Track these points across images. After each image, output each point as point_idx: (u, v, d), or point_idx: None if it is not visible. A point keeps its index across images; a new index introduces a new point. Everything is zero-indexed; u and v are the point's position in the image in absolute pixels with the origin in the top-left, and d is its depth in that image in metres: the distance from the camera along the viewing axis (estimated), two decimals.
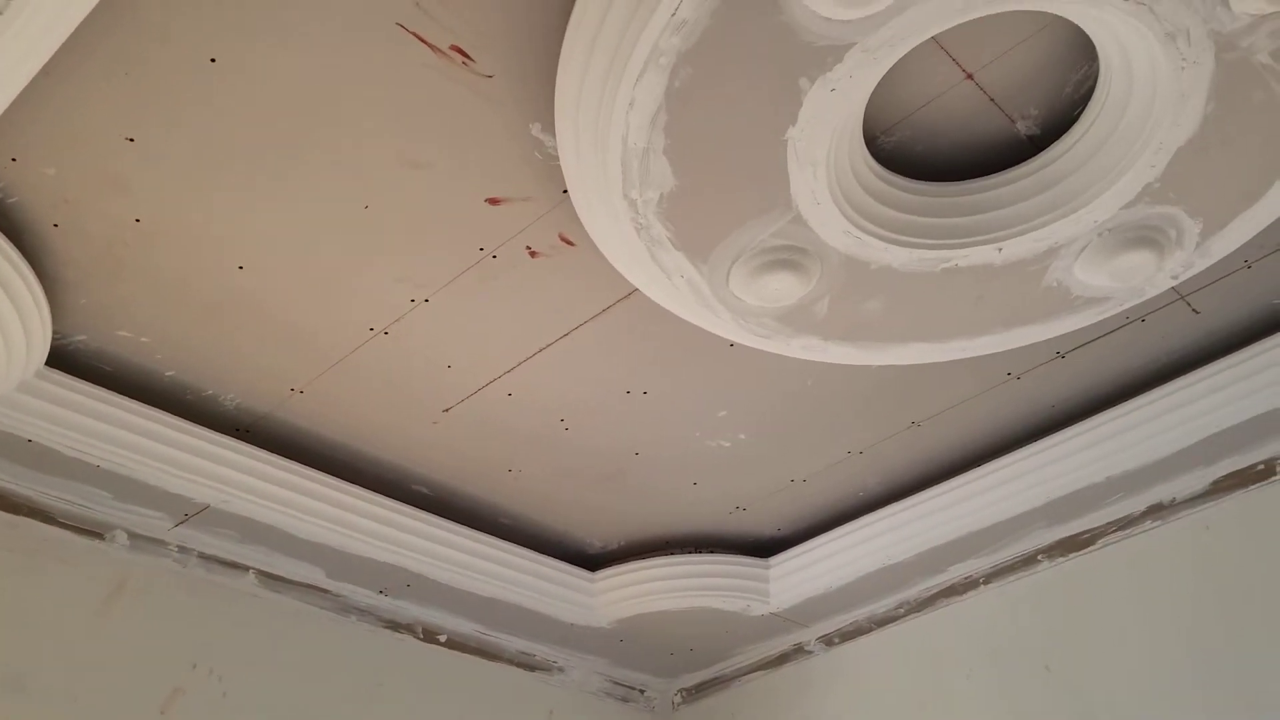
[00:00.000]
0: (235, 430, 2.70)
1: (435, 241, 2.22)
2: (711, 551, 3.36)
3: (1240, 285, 2.45)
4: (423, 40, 1.83)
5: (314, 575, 3.04)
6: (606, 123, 1.81)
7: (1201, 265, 2.23)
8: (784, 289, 2.14)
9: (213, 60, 1.84)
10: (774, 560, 3.36)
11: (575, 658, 3.64)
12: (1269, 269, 2.40)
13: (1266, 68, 1.79)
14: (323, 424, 2.72)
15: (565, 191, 2.10)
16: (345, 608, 3.13)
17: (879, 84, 1.92)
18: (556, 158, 2.04)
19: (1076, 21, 1.83)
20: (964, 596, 3.23)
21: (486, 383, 2.61)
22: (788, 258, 2.09)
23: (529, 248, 2.25)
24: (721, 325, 2.27)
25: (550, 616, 3.35)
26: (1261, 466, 2.73)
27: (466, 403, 2.67)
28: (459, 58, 1.86)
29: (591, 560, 3.39)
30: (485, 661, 3.44)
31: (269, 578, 2.98)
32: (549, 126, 1.99)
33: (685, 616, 3.40)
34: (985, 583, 3.18)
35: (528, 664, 3.55)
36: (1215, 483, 2.80)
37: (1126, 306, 2.33)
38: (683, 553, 3.34)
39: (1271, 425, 2.62)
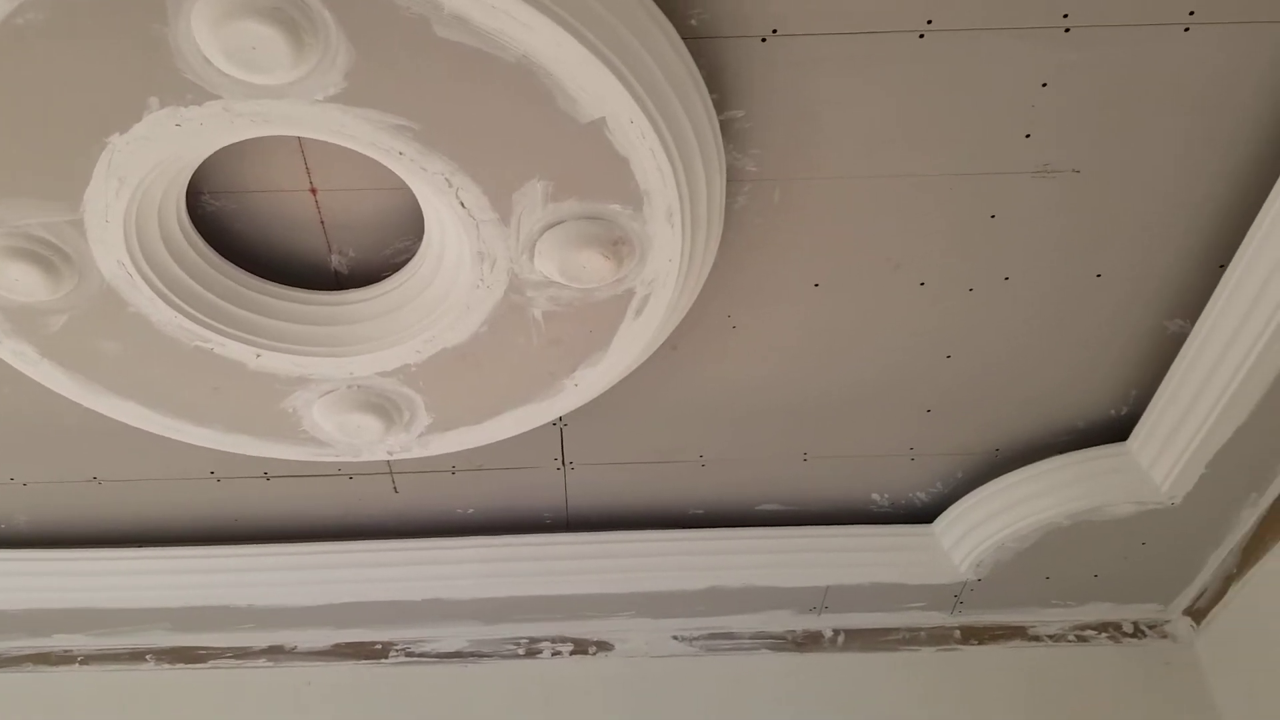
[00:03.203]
0: None
1: None
2: None
3: (441, 485, 2.72)
4: None
5: None
6: None
7: (418, 454, 2.43)
8: (25, 284, 1.90)
9: None
10: None
11: None
12: (466, 482, 2.70)
13: (535, 322, 2.06)
14: None
15: None
16: None
17: (228, 144, 1.87)
18: None
19: (420, 202, 1.98)
20: None
21: None
22: (46, 255, 1.87)
23: None
24: None
25: None
26: (380, 646, 2.95)
27: None
28: None
29: None
30: None
31: None
32: None
33: None
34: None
35: None
36: (336, 646, 2.96)
37: (341, 460, 2.44)
38: None
39: (397, 613, 2.88)
